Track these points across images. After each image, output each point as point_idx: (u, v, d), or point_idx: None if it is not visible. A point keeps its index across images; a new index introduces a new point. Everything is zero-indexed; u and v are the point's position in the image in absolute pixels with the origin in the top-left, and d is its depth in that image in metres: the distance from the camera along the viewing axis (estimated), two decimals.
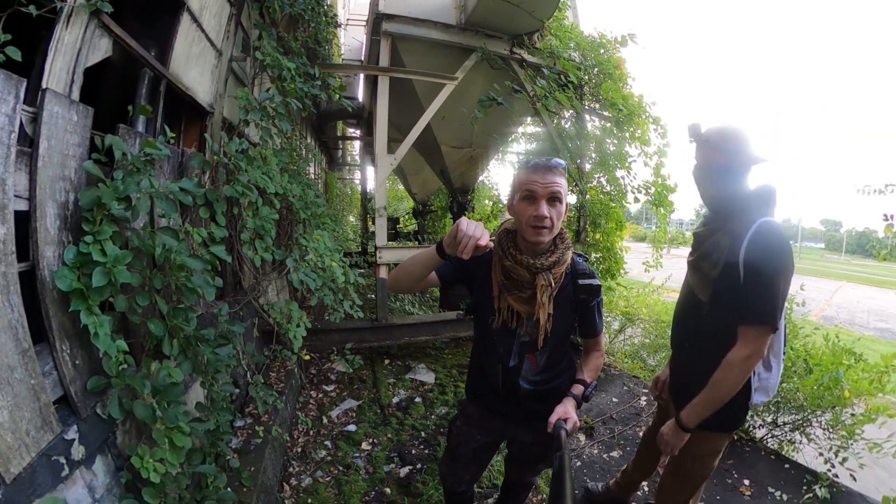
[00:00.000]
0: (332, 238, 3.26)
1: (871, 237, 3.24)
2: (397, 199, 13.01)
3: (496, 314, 1.51)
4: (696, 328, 1.69)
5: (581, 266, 1.55)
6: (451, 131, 6.07)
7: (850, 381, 2.82)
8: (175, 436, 1.53)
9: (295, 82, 2.69)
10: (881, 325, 12.42)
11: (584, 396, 1.55)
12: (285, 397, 2.83)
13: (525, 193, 1.39)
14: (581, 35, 5.03)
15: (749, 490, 2.75)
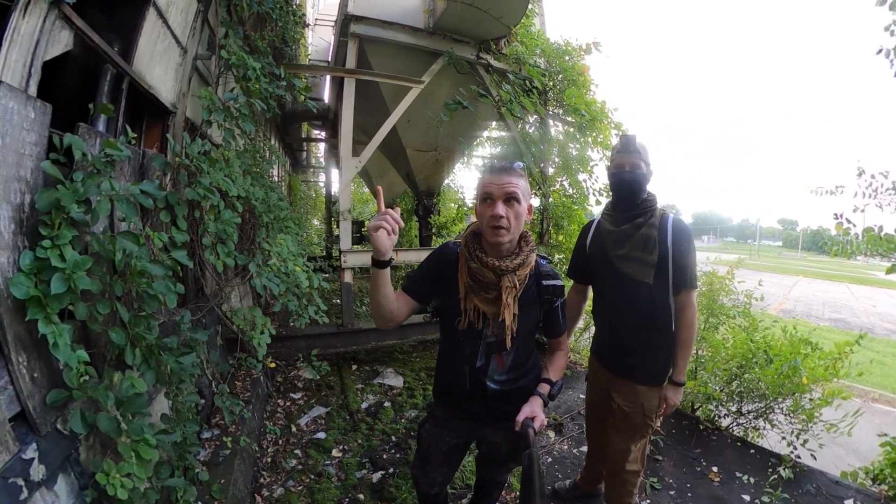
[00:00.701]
0: (296, 242, 3.20)
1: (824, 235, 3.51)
2: (362, 201, 12.88)
3: (462, 315, 1.53)
4: (640, 307, 1.94)
5: (545, 268, 1.60)
6: (417, 134, 6.09)
7: (808, 369, 3.03)
8: (141, 448, 1.46)
9: (260, 82, 2.63)
10: (835, 315, 13.38)
11: (550, 395, 1.59)
12: (252, 406, 2.74)
13: (483, 195, 1.46)
14: (547, 42, 5.15)
15: (718, 476, 2.90)
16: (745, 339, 3.37)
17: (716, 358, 3.43)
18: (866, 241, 2.89)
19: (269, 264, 2.74)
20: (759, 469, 2.94)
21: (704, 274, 3.85)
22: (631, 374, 2.00)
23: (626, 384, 2.01)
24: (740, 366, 3.29)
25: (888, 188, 3.14)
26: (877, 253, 2.96)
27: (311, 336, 4.19)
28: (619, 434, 2.07)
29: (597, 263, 2.07)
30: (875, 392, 6.43)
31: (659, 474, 2.88)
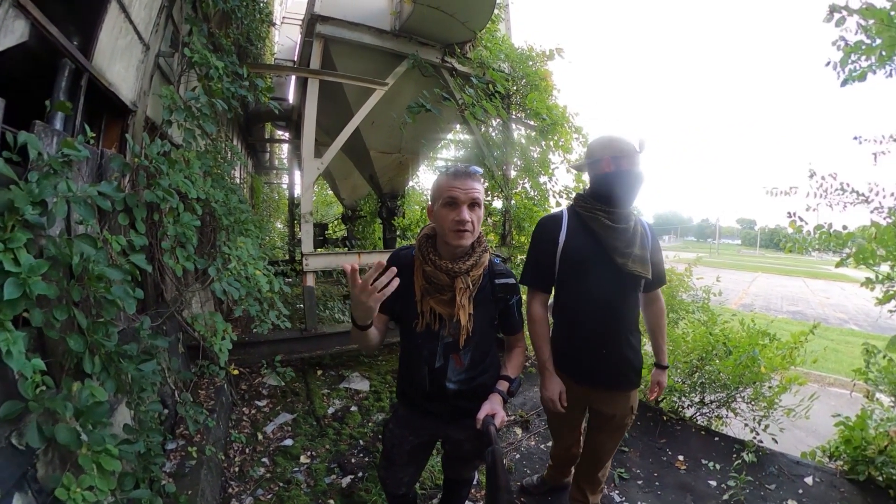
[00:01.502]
0: (257, 245, 3.14)
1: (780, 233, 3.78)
2: (326, 204, 12.69)
3: (419, 318, 1.56)
4: (631, 307, 1.91)
5: (498, 266, 1.64)
6: (381, 136, 6.08)
7: (766, 359, 3.20)
8: (103, 460, 1.40)
9: (222, 82, 2.56)
10: (793, 308, 14.12)
11: (509, 392, 1.62)
12: (217, 415, 2.66)
13: (447, 200, 1.45)
14: (511, 47, 5.26)
15: (684, 465, 3.04)
16: (705, 332, 3.54)
17: (677, 351, 3.57)
18: (818, 238, 3.10)
19: (229, 268, 2.67)
20: (723, 455, 3.09)
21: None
22: (627, 385, 1.92)
23: (619, 395, 1.92)
24: (701, 358, 3.44)
25: (837, 189, 3.39)
26: (828, 248, 3.19)
27: (275, 342, 4.10)
28: (610, 436, 2.04)
29: (581, 265, 1.85)
30: (830, 377, 6.86)
31: (626, 465, 2.98)
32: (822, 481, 2.83)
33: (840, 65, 2.59)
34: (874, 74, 2.51)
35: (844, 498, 2.68)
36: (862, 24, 2.38)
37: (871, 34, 2.37)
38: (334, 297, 7.07)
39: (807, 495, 2.72)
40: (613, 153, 1.81)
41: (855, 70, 2.53)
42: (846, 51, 2.52)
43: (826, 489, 2.77)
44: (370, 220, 9.87)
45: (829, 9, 2.40)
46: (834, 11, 2.39)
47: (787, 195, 3.75)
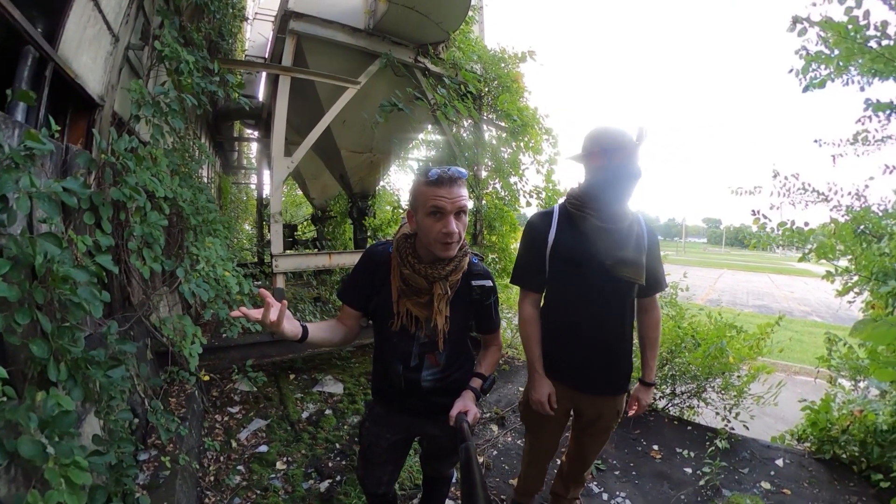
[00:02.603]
0: (225, 246, 3.05)
1: (745, 231, 3.94)
2: (295, 204, 12.43)
3: (395, 318, 1.54)
4: (625, 312, 1.81)
5: (476, 267, 1.60)
6: (352, 136, 6.01)
7: (734, 350, 3.33)
8: (72, 473, 1.31)
9: (192, 77, 2.47)
10: (758, 302, 14.76)
11: (482, 389, 1.62)
12: (189, 423, 2.55)
13: (432, 209, 1.38)
14: (484, 49, 5.29)
15: (659, 454, 3.13)
16: (674, 326, 3.65)
17: None
18: (782, 234, 3.26)
19: (197, 269, 2.58)
20: (697, 443, 3.20)
21: None
22: (614, 391, 1.88)
23: (605, 399, 1.88)
24: (670, 351, 3.55)
25: (799, 188, 3.58)
26: (791, 244, 3.36)
27: (245, 346, 3.98)
28: (595, 438, 2.03)
29: (571, 267, 1.77)
30: (796, 366, 7.24)
31: (603, 456, 3.05)
32: (791, 462, 2.99)
33: (802, 72, 2.74)
34: (833, 82, 2.66)
35: (813, 476, 2.85)
36: (822, 35, 2.51)
37: (830, 45, 2.51)
38: (305, 300, 6.95)
39: (778, 476, 2.86)
40: (605, 146, 1.68)
41: (815, 78, 2.68)
42: (807, 59, 2.67)
43: (796, 469, 2.93)
44: (340, 220, 9.73)
45: (792, 19, 2.52)
46: (797, 22, 2.53)
47: (752, 194, 3.94)
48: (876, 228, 3.01)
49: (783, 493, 2.70)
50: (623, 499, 2.67)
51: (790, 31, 2.57)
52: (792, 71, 2.78)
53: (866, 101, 2.72)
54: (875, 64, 2.35)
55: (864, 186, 3.52)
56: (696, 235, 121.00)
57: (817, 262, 3.38)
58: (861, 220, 3.09)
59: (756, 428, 3.43)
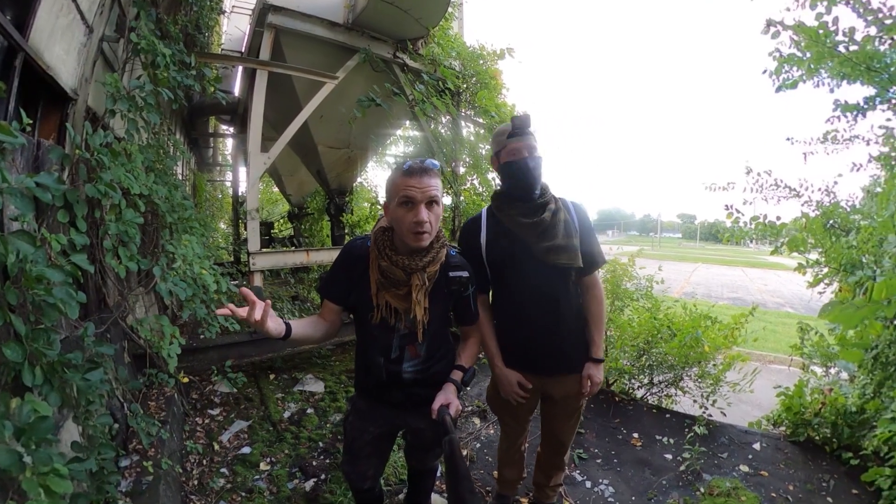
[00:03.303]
0: (202, 244, 2.98)
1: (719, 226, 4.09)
2: (272, 202, 12.21)
3: (375, 311, 1.55)
4: (568, 295, 1.88)
5: (454, 259, 1.64)
6: (329, 131, 5.96)
7: (709, 339, 3.42)
8: (52, 481, 1.25)
9: (169, 70, 2.39)
10: (733, 295, 15.02)
11: (463, 381, 1.64)
12: (169, 426, 2.48)
13: (403, 199, 1.41)
14: (463, 45, 5.28)
15: (639, 441, 3.20)
16: (650, 317, 3.74)
17: (623, 336, 3.75)
18: (754, 228, 3.38)
19: (174, 268, 2.51)
20: (676, 430, 3.29)
21: (607, 262, 4.23)
22: (573, 368, 1.93)
23: (567, 378, 1.94)
24: (647, 342, 3.63)
25: (771, 184, 3.72)
26: (763, 238, 3.48)
27: (224, 346, 3.89)
28: (566, 421, 2.10)
29: (508, 265, 1.84)
30: (771, 355, 7.47)
31: (584, 446, 3.11)
32: (768, 446, 3.10)
33: (775, 73, 2.84)
34: (804, 84, 2.77)
35: (788, 458, 2.97)
36: (794, 39, 2.61)
37: (802, 49, 2.61)
38: (283, 298, 6.85)
39: (756, 459, 2.97)
40: (500, 146, 1.80)
41: (788, 79, 2.79)
42: (780, 61, 2.77)
43: (772, 452, 3.04)
44: (317, 217, 9.62)
45: (766, 22, 2.61)
46: (770, 25, 2.62)
47: (725, 190, 4.07)
48: (844, 223, 3.16)
49: (761, 474, 2.81)
50: (606, 486, 2.73)
51: (764, 33, 2.66)
52: (766, 72, 2.89)
53: (835, 102, 2.85)
54: (843, 67, 2.48)
55: (834, 183, 3.70)
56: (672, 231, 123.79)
57: (789, 255, 3.52)
58: (830, 214, 3.24)
59: (734, 415, 3.55)
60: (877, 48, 2.40)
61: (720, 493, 2.62)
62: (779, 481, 2.73)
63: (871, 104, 2.67)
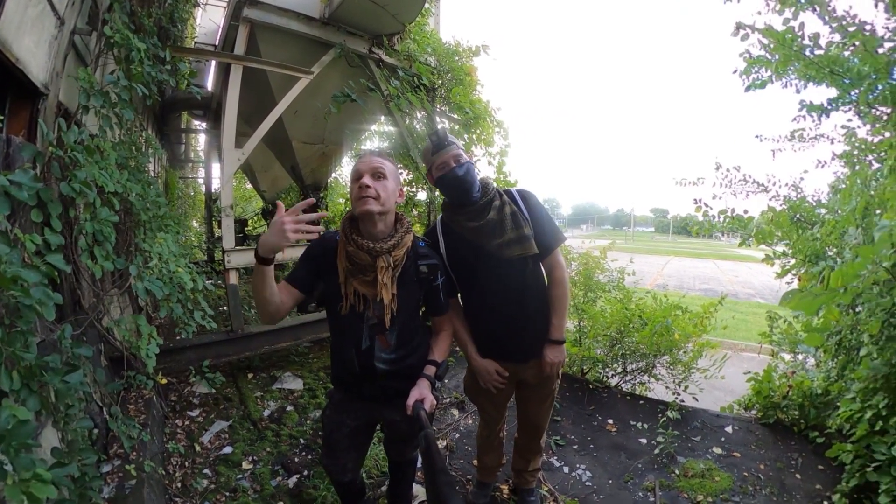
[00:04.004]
0: (177, 242, 2.93)
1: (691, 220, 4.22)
2: (245, 198, 11.91)
3: (344, 300, 1.58)
4: (529, 282, 1.95)
5: (422, 249, 1.70)
6: (304, 126, 5.90)
7: (679, 328, 3.55)
8: (35, 487, 1.22)
9: (143, 65, 2.32)
10: (704, 286, 15.47)
11: (436, 376, 1.69)
12: (150, 429, 2.43)
13: (353, 176, 1.56)
14: (439, 42, 5.28)
15: (614, 427, 3.31)
16: (621, 308, 3.85)
17: (596, 326, 3.86)
18: (723, 222, 3.52)
19: (150, 266, 2.46)
20: (650, 416, 3.41)
21: (580, 255, 4.35)
22: (542, 352, 2.00)
23: (539, 363, 2.02)
24: (619, 331, 3.74)
25: (740, 179, 3.87)
26: (733, 230, 3.63)
27: (201, 346, 3.83)
28: (541, 404, 2.20)
29: (468, 267, 1.91)
30: (742, 343, 7.75)
31: (561, 432, 3.20)
32: (740, 429, 3.25)
33: (744, 74, 2.96)
34: (772, 84, 2.90)
35: (759, 439, 3.12)
36: (763, 41, 2.73)
37: (771, 51, 2.73)
38: None
39: (728, 441, 3.11)
40: (430, 163, 1.89)
41: (757, 79, 2.91)
42: (749, 62, 2.89)
43: (744, 434, 3.18)
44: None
45: (736, 25, 2.73)
46: (740, 28, 2.73)
47: (696, 185, 4.21)
48: (810, 216, 3.34)
49: (734, 455, 2.94)
50: (583, 471, 2.82)
51: (734, 35, 2.78)
52: (736, 72, 3.01)
53: (801, 102, 2.99)
54: (809, 70, 2.62)
55: (800, 179, 3.90)
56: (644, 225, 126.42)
57: (757, 248, 3.68)
58: (797, 209, 3.41)
59: (707, 400, 3.71)
60: (840, 53, 2.55)
61: (694, 474, 2.74)
62: (750, 461, 2.87)
63: (834, 105, 2.83)
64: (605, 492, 2.65)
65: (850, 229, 2.68)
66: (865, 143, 3.12)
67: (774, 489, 2.60)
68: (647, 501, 2.55)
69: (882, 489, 2.11)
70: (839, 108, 2.84)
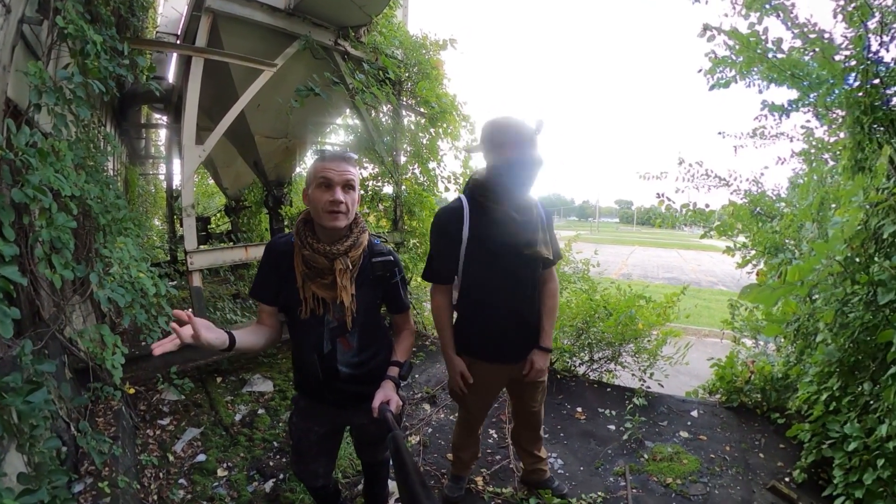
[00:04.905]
0: (137, 245, 2.81)
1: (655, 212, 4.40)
2: (207, 195, 11.46)
3: (303, 304, 1.56)
4: (534, 282, 1.97)
5: (378, 247, 1.69)
6: (267, 121, 5.73)
7: (643, 317, 3.68)
8: None
9: (100, 59, 2.19)
10: (668, 275, 16.05)
11: (400, 376, 1.69)
12: (121, 442, 2.33)
13: (321, 181, 1.47)
14: (406, 35, 5.21)
15: (583, 415, 3.41)
16: (587, 298, 3.96)
17: (562, 317, 3.95)
18: (685, 215, 3.66)
19: (111, 273, 2.36)
20: (617, 403, 3.53)
21: None
22: (528, 355, 2.05)
23: (522, 365, 2.05)
24: (585, 321, 3.85)
25: (702, 174, 4.01)
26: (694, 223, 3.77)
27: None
28: (534, 396, 2.23)
29: (489, 255, 1.85)
30: (705, 330, 8.07)
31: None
32: (705, 412, 3.40)
33: (709, 73, 3.07)
34: (736, 84, 3.02)
35: (724, 422, 3.28)
36: (729, 43, 2.84)
37: (736, 52, 2.85)
38: (224, 297, 6.55)
39: (694, 425, 3.25)
40: (510, 137, 1.76)
41: (721, 79, 3.03)
42: (714, 62, 3.01)
43: (709, 418, 3.33)
44: (256, 210, 9.22)
45: (703, 26, 2.82)
46: (707, 29, 2.83)
47: (659, 179, 4.34)
48: (769, 210, 3.52)
49: (700, 438, 3.08)
50: (555, 458, 2.90)
51: (701, 36, 2.87)
52: (701, 71, 3.12)
53: (763, 102, 3.15)
54: (771, 72, 2.75)
55: (761, 174, 4.08)
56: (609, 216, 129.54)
57: (719, 239, 3.84)
58: (757, 202, 3.59)
59: (672, 386, 3.86)
60: (801, 58, 2.68)
61: (663, 457, 2.86)
62: (716, 443, 3.01)
63: (794, 106, 2.98)
64: (577, 479, 2.72)
65: (808, 223, 2.84)
66: (822, 142, 3.33)
67: (740, 469, 2.75)
68: (619, 486, 2.64)
69: (836, 463, 2.28)
70: (799, 109, 3.00)
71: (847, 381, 2.34)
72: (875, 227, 2.09)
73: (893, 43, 2.34)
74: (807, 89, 2.70)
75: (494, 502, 2.50)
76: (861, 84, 2.30)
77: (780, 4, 2.60)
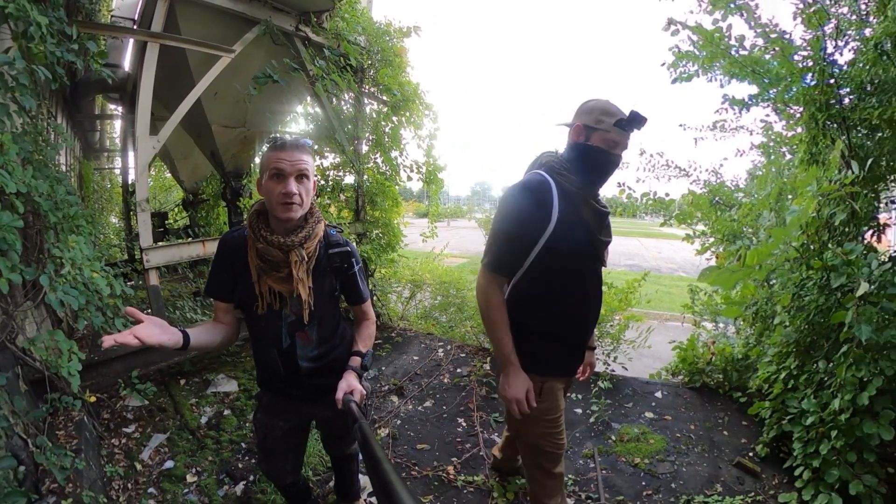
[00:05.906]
0: (91, 244, 2.67)
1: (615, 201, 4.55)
2: (165, 188, 10.91)
3: (259, 299, 1.53)
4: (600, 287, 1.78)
5: (333, 237, 1.66)
6: (224, 109, 5.53)
7: (605, 303, 3.75)
8: None
9: (45, 43, 2.03)
10: (630, 262, 16.50)
11: (362, 366, 1.66)
12: (84, 454, 2.21)
13: (273, 171, 1.42)
14: (370, 21, 5.08)
15: None
16: None
17: None
18: (645, 203, 3.78)
19: (62, 274, 2.23)
20: (582, 387, 3.62)
21: None
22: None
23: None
24: None
25: (663, 164, 4.14)
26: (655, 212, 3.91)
27: (127, 355, 3.52)
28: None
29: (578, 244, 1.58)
30: (667, 314, 8.41)
31: (499, 409, 3.33)
32: (668, 393, 3.54)
33: (672, 67, 3.15)
34: (698, 78, 3.12)
35: (687, 402, 3.42)
36: (693, 38, 2.93)
37: (699, 48, 2.94)
38: (183, 296, 6.29)
39: (659, 406, 3.38)
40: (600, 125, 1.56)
41: (684, 73, 3.12)
42: (678, 56, 3.09)
43: (673, 398, 3.47)
44: (214, 203, 8.88)
45: (667, 21, 2.89)
46: (672, 24, 2.91)
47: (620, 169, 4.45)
48: (728, 199, 3.68)
49: (665, 419, 3.21)
50: None
51: (665, 30, 2.94)
52: (664, 65, 3.19)
53: (724, 96, 3.25)
54: (733, 68, 2.86)
55: (720, 165, 4.26)
56: None
57: (679, 227, 4.00)
58: (716, 192, 3.75)
59: (637, 368, 4.01)
60: (762, 56, 2.80)
61: (630, 438, 2.97)
62: (681, 423, 3.15)
63: (754, 101, 3.11)
64: None
65: (765, 212, 3.00)
66: (780, 136, 3.52)
67: (705, 446, 2.89)
68: (588, 468, 2.72)
69: (795, 437, 2.44)
70: (758, 104, 3.12)
71: (804, 360, 2.49)
72: (827, 216, 2.22)
73: (847, 48, 2.52)
74: (767, 85, 2.82)
75: (467, 490, 2.53)
76: (817, 83, 2.44)
77: (744, 4, 2.70)
